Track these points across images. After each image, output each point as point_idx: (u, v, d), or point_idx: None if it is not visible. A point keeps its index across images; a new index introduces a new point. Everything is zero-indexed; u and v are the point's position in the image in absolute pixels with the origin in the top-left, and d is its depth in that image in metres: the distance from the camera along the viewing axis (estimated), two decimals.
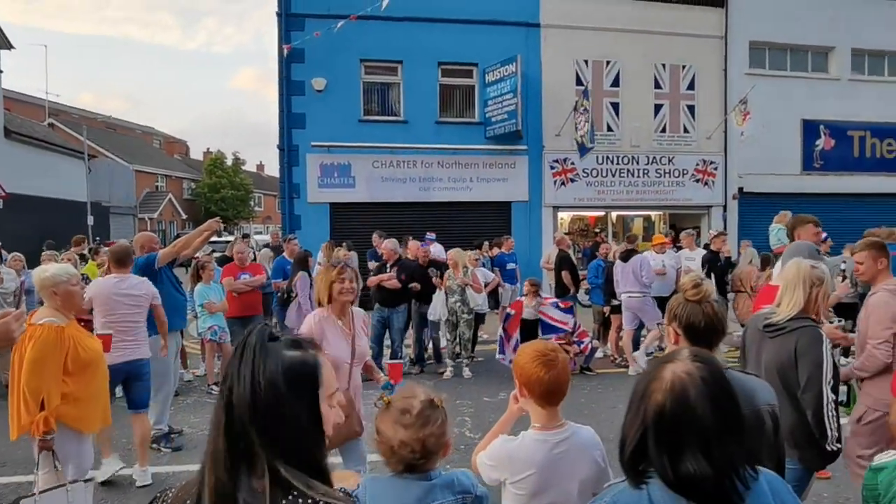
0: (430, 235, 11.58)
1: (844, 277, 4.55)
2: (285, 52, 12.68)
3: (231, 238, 18.01)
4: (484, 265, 9.42)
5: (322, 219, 13.08)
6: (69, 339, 3.26)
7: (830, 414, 2.64)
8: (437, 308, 7.80)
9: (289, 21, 13.07)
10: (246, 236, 15.96)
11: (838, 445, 2.68)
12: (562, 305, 7.82)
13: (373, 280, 7.75)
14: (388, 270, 7.73)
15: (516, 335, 7.57)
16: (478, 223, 13.48)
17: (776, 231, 10.83)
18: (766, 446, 1.86)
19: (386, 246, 8.03)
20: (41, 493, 2.98)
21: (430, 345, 8.43)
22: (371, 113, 13.61)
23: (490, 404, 6.36)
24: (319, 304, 3.47)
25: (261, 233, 34.71)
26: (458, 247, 8.42)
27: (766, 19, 15.23)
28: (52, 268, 3.46)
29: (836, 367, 2.77)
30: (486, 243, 11.18)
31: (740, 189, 15.23)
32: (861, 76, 16.18)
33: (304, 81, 13.07)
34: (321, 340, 3.54)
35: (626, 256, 7.96)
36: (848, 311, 5.27)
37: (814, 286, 2.84)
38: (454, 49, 13.59)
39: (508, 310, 7.96)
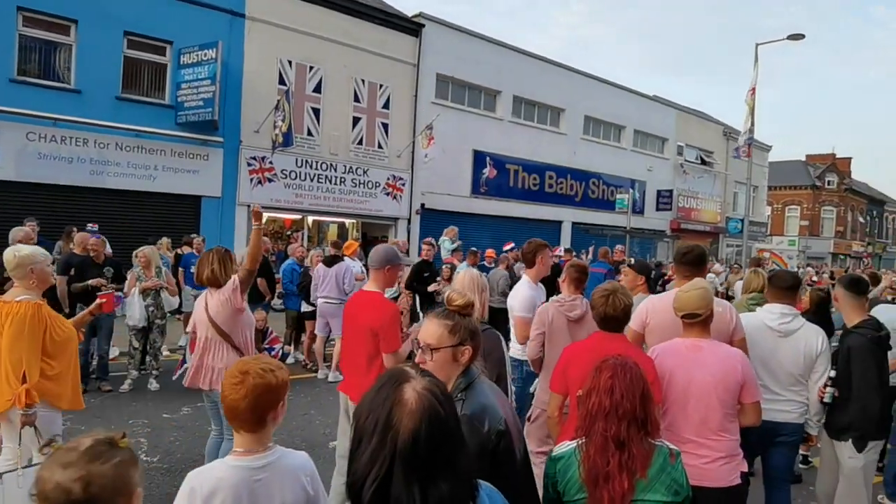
0: (92, 227, 10.06)
1: None
2: None
3: None
4: (167, 265, 8.60)
5: None
6: (47, 316, 3.34)
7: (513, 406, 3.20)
8: (136, 312, 6.85)
9: None
10: None
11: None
12: None
13: None
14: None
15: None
16: (162, 217, 12.25)
17: (445, 243, 12.51)
18: None
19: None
20: (24, 468, 2.97)
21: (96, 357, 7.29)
22: (29, 73, 11.25)
23: (170, 422, 5.84)
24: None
25: None
26: (133, 242, 7.58)
27: (451, 56, 17.25)
28: (27, 248, 3.56)
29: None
30: (167, 240, 10.21)
31: (422, 205, 16.91)
32: (519, 119, 19.49)
33: None
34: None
35: (330, 262, 8.08)
36: None
37: (482, 292, 3.34)
38: (145, 21, 12.15)
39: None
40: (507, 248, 12.25)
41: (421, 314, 8.77)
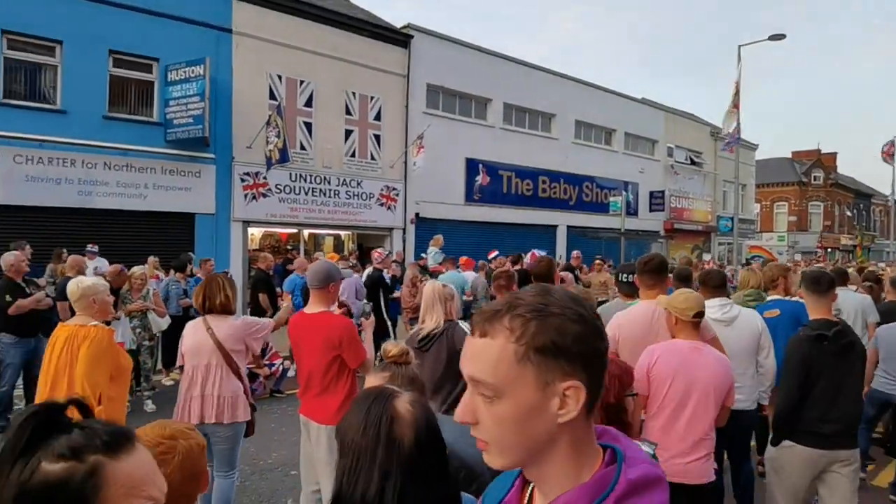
0: (92, 248, 9.97)
1: None
2: None
3: None
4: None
5: None
6: (114, 343, 3.53)
7: None
8: (126, 335, 6.69)
9: None
10: None
11: None
12: None
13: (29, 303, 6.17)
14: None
15: None
16: (154, 236, 12.05)
17: (433, 253, 12.41)
18: None
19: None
20: None
21: None
22: (15, 96, 11.04)
23: None
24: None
25: None
26: (126, 263, 7.42)
27: (441, 66, 17.21)
28: (89, 279, 3.75)
29: None
30: (154, 259, 9.99)
31: (417, 214, 16.78)
32: (510, 126, 19.46)
33: None
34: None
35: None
36: None
37: (447, 301, 3.49)
38: (130, 39, 11.99)
39: None
40: (492, 255, 12.16)
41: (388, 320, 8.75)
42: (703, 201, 27.57)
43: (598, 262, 12.11)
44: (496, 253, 12.39)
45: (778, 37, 17.96)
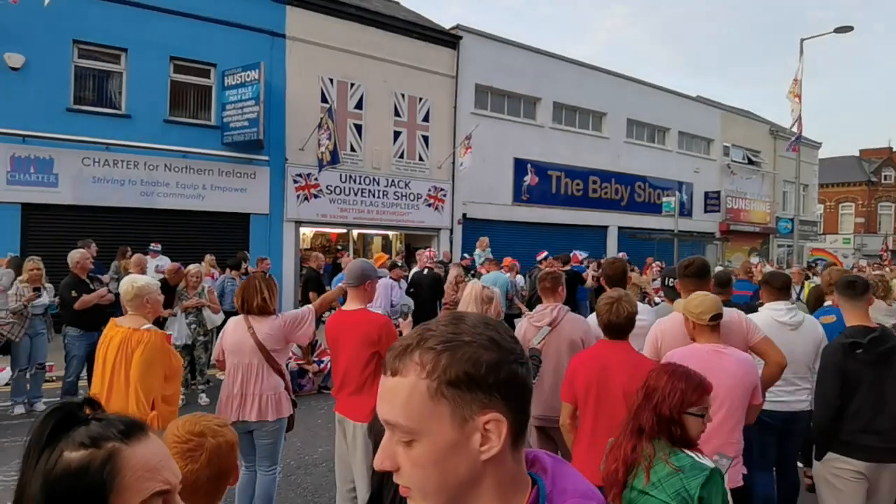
0: (155, 247, 10.42)
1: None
2: None
3: None
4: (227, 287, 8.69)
5: (10, 223, 10.68)
6: (167, 346, 3.52)
7: None
8: (182, 331, 6.98)
9: None
10: None
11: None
12: None
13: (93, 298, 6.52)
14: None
15: None
16: (211, 235, 12.50)
17: (479, 255, 12.45)
18: None
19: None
20: None
21: None
22: (84, 102, 11.66)
23: None
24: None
25: None
26: (184, 261, 7.73)
27: (490, 66, 17.20)
28: (143, 279, 3.69)
29: None
30: (211, 257, 10.40)
31: (464, 215, 16.81)
32: (559, 125, 19.26)
33: None
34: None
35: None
36: None
37: (484, 304, 3.48)
38: (190, 45, 12.48)
39: None
40: (541, 256, 12.00)
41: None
42: (761, 202, 26.60)
43: None
44: (545, 254, 12.27)
45: (844, 29, 17.11)
